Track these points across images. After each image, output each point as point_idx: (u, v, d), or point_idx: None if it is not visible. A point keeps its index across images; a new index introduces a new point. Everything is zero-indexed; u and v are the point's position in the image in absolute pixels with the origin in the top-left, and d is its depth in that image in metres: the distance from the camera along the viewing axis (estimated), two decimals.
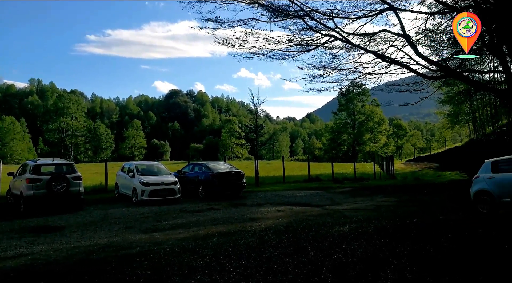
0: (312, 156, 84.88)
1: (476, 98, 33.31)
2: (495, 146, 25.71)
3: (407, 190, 19.66)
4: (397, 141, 77.26)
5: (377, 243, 6.88)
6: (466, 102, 36.56)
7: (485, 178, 10.97)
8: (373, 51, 8.04)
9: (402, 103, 10.57)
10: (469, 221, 8.43)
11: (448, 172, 32.87)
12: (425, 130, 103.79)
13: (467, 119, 41.45)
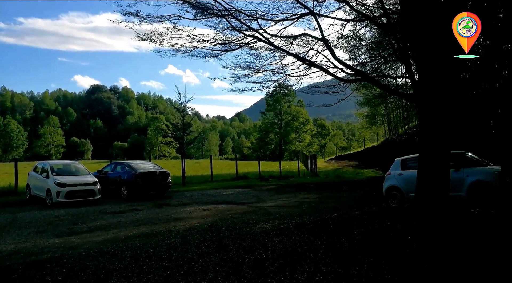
0: (241, 155, 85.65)
1: (391, 101, 36.05)
2: (406, 145, 28.06)
3: (328, 187, 20.72)
4: (321, 140, 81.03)
5: (296, 238, 7.15)
6: (382, 104, 39.41)
7: (395, 174, 11.94)
8: (293, 54, 8.34)
9: (322, 104, 11.15)
10: (380, 215, 9.11)
11: (366, 170, 35.26)
12: (347, 130, 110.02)
13: (383, 121, 44.72)
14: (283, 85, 47.94)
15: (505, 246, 5.74)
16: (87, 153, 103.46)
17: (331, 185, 21.79)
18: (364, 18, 9.09)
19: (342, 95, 10.35)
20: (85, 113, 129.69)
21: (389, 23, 8.07)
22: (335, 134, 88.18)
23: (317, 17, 8.21)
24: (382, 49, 12.84)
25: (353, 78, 8.70)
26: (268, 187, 20.90)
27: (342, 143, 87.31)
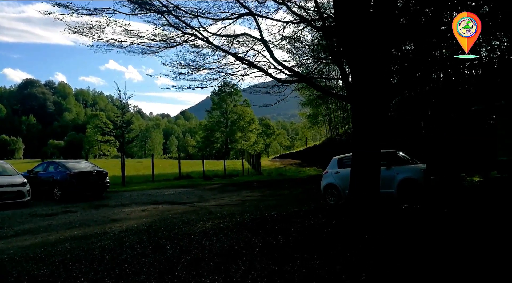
0: (186, 154, 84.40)
1: (331, 102, 37.40)
2: (346, 144, 29.25)
3: (271, 185, 21.06)
4: (266, 139, 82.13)
5: (235, 237, 7.19)
6: (323, 105, 40.78)
7: (332, 173, 12.42)
8: (232, 53, 8.38)
9: (262, 104, 11.32)
10: (317, 212, 9.40)
11: (307, 168, 36.25)
12: (291, 130, 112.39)
13: (324, 121, 46.29)
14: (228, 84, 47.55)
15: (425, 237, 6.18)
16: (18, 152, 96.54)
17: (274, 183, 22.16)
18: (303, 21, 9.36)
19: (281, 95, 10.57)
20: (17, 109, 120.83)
21: (325, 27, 8.39)
22: (279, 134, 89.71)
23: (256, 18, 8.33)
24: (321, 51, 13.28)
25: (291, 79, 8.92)
26: (211, 186, 20.81)
27: (286, 142, 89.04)
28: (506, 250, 5.31)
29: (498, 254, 5.16)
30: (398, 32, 7.73)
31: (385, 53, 7.52)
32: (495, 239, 5.92)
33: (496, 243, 5.69)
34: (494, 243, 5.68)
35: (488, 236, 6.07)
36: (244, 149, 67.57)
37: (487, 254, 5.19)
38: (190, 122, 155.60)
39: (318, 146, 45.77)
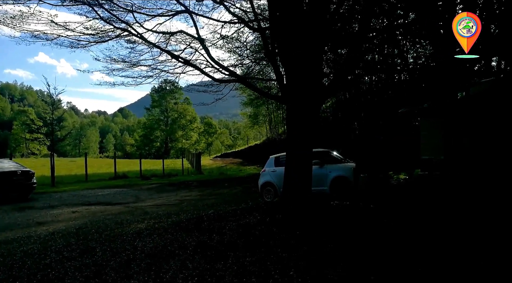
0: (123, 153, 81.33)
1: (271, 102, 38.09)
2: (284, 144, 30.01)
3: (211, 184, 21.00)
4: (208, 138, 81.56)
5: (169, 237, 7.10)
6: (264, 105, 41.45)
7: (269, 171, 12.68)
8: (167, 51, 8.25)
9: (200, 103, 11.24)
10: (253, 210, 9.54)
11: (248, 167, 36.58)
12: (233, 129, 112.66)
13: (265, 120, 47.04)
14: (168, 81, 46.29)
15: (351, 232, 6.54)
16: None
17: (214, 182, 22.12)
18: (240, 21, 9.45)
19: (220, 95, 10.59)
20: None
21: (260, 28, 8.55)
22: (221, 133, 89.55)
23: (193, 16, 8.26)
24: (260, 52, 13.50)
25: (228, 79, 8.98)
26: (149, 186, 20.29)
27: (228, 141, 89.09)
28: (419, 242, 5.77)
29: (411, 244, 5.60)
30: (330, 36, 8.09)
31: (317, 55, 7.83)
32: (411, 230, 6.41)
33: (412, 234, 6.17)
34: (410, 234, 6.15)
35: (405, 228, 6.56)
36: (185, 147, 66.59)
37: (403, 244, 5.61)
38: (128, 120, 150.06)
39: (259, 145, 46.41)
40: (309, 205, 8.14)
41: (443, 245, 5.48)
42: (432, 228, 6.52)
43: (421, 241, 5.72)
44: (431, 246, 5.47)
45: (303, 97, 7.94)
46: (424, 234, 6.13)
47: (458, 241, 5.63)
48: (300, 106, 8.00)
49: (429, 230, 6.41)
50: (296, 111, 8.15)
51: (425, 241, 5.74)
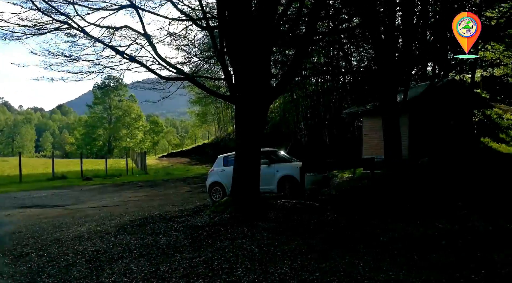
0: (63, 152, 77.13)
1: (220, 101, 37.96)
2: (233, 143, 30.00)
3: (157, 185, 20.50)
4: (154, 137, 79.45)
5: (112, 239, 6.83)
6: (213, 104, 41.19)
7: (218, 171, 12.60)
8: (111, 46, 7.90)
9: (145, 100, 10.92)
10: (201, 210, 9.44)
11: (196, 166, 36.12)
12: (180, 128, 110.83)
13: (214, 119, 46.75)
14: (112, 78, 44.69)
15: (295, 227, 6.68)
16: None
17: (160, 183, 21.62)
18: (188, 18, 9.31)
19: (167, 92, 10.35)
20: None
21: (209, 26, 8.48)
22: (168, 132, 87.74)
23: (139, 11, 8.00)
24: (209, 50, 13.37)
25: (175, 77, 8.81)
26: (90, 187, 19.39)
27: (175, 140, 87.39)
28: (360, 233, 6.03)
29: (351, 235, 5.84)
30: (278, 37, 8.21)
31: (265, 56, 7.91)
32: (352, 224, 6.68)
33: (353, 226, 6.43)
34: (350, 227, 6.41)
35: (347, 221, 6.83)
36: (129, 147, 64.44)
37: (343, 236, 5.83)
38: (68, 117, 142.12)
39: (207, 144, 46.04)
40: (257, 204, 8.20)
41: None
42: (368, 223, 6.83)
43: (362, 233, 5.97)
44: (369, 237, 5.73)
45: (252, 97, 7.99)
46: (365, 229, 6.40)
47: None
48: (249, 106, 8.04)
49: (368, 225, 6.71)
50: (245, 111, 8.18)
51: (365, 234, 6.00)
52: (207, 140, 50.00)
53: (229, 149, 33.55)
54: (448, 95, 16.96)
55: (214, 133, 49.05)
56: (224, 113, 41.96)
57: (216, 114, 44.48)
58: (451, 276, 4.09)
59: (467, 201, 7.97)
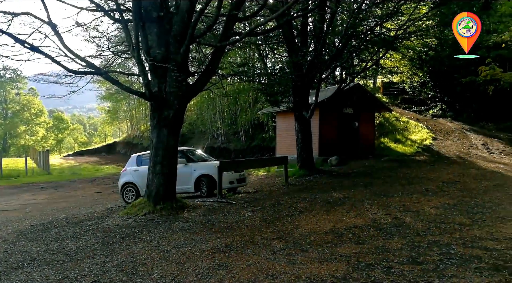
0: None
1: (133, 97, 36.34)
2: (147, 141, 28.95)
3: (62, 186, 19.03)
4: (58, 135, 73.25)
5: (10, 247, 6.21)
6: (125, 100, 39.29)
7: (131, 170, 12.09)
8: (10, 34, 7.07)
9: (49, 95, 10.02)
10: (113, 212, 9.00)
11: (107, 166, 34.16)
12: (88, 125, 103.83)
13: (126, 116, 44.60)
14: (8, 68, 40.44)
15: (208, 225, 6.72)
16: None
17: (65, 184, 20.10)
18: (100, 9, 8.76)
19: (75, 87, 9.62)
20: None
21: (123, 19, 8.09)
22: (74, 129, 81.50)
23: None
24: (122, 44, 12.73)
25: (85, 71, 8.24)
26: None
27: (82, 138, 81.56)
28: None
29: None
30: (196, 36, 8.13)
31: (182, 54, 7.79)
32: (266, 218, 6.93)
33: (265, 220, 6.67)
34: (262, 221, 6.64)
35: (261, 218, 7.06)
36: (29, 145, 58.62)
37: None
38: None
39: (119, 143, 43.85)
40: (174, 204, 8.06)
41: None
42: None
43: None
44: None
45: (168, 95, 7.81)
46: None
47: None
48: (165, 103, 7.85)
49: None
50: (161, 108, 7.97)
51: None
52: (119, 139, 47.58)
53: (143, 147, 32.41)
54: (354, 99, 18.36)
55: (126, 131, 46.79)
56: (137, 110, 40.26)
57: (129, 111, 42.50)
58: (357, 266, 4.46)
59: (370, 196, 8.73)
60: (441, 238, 5.41)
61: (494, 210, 7.05)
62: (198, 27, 9.80)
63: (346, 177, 12.24)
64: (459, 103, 23.21)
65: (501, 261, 4.42)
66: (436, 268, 4.30)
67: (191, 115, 34.28)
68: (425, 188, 9.49)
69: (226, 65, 15.62)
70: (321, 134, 17.02)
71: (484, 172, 11.70)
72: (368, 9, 12.24)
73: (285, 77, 14.07)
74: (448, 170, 12.30)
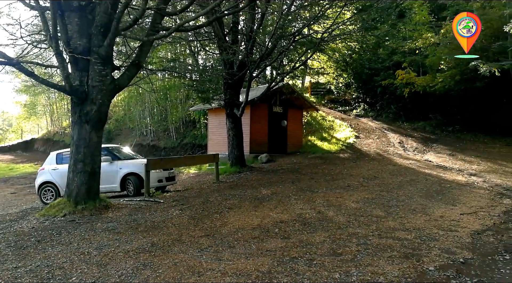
0: None
1: (54, 91, 33.86)
2: (69, 138, 27.17)
3: None
4: None
5: None
6: (44, 94, 36.49)
7: (50, 169, 11.29)
8: None
9: None
10: (28, 214, 8.33)
11: (23, 164, 31.48)
12: (2, 120, 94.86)
13: (45, 111, 41.41)
14: None
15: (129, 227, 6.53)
16: None
17: None
18: None
19: None
20: None
21: (39, 6, 7.49)
22: None
23: None
24: (39, 33, 11.79)
25: None
26: None
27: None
28: None
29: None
30: (120, 29, 7.78)
31: (107, 46, 7.43)
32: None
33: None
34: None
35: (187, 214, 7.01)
36: None
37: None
38: None
39: (37, 139, 40.61)
40: (97, 204, 7.67)
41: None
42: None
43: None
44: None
45: (91, 89, 7.40)
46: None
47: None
48: (87, 98, 7.43)
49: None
50: (83, 103, 7.53)
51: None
52: (37, 135, 44.03)
53: (66, 145, 30.36)
54: (283, 98, 18.89)
55: (45, 127, 43.43)
56: (58, 104, 37.58)
57: (49, 105, 39.51)
58: (282, 260, 4.60)
59: (296, 191, 9.05)
60: (359, 230, 5.77)
61: (406, 202, 7.68)
62: (125, 19, 9.43)
63: (275, 174, 12.55)
64: (379, 104, 24.94)
65: (410, 249, 4.84)
66: (353, 258, 4.59)
67: (118, 111, 32.88)
68: (347, 183, 10.07)
69: (156, 60, 15.18)
70: (252, 132, 17.29)
71: (400, 168, 12.69)
72: (296, 11, 12.64)
73: (216, 75, 14.05)
74: (369, 166, 13.15)
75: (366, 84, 25.16)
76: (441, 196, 8.41)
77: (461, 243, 5.09)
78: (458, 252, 4.75)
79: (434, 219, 6.40)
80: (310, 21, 12.51)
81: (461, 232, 5.59)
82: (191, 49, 16.90)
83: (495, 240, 5.24)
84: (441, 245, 5.02)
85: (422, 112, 22.18)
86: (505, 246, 4.95)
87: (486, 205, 7.48)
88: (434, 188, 9.25)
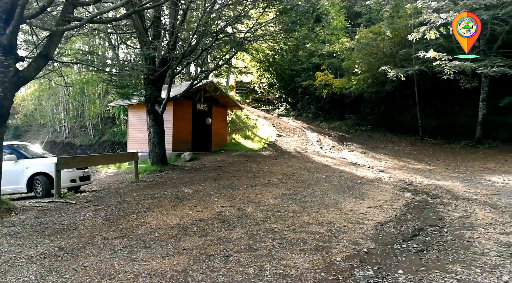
0: None
1: None
2: None
3: None
4: None
5: None
6: None
7: None
8: None
9: None
10: None
11: None
12: None
13: None
14: None
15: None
16: None
17: None
18: None
19: None
20: None
21: None
22: None
23: None
24: None
25: None
26: None
27: None
28: None
29: None
30: (26, 16, 7.15)
31: (10, 34, 6.77)
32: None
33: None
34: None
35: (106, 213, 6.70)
36: None
37: None
38: None
39: None
40: None
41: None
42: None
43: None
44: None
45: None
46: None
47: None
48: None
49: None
50: None
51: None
52: None
53: None
54: (208, 96, 18.81)
55: None
56: None
57: None
58: (198, 258, 4.60)
59: (218, 189, 9.08)
60: (276, 226, 5.97)
61: (321, 198, 8.10)
62: (34, 7, 8.69)
63: (198, 172, 12.46)
64: (300, 104, 25.98)
65: (321, 242, 5.13)
66: (268, 253, 4.74)
67: (27, 105, 30.25)
68: (267, 180, 10.34)
69: (70, 51, 14.19)
70: (175, 129, 16.97)
71: (317, 165, 13.34)
72: (220, 10, 12.65)
73: (137, 70, 13.54)
74: (288, 163, 13.64)
75: (288, 84, 26.04)
76: (352, 191, 9.01)
77: (366, 235, 5.51)
78: (363, 243, 5.14)
79: (344, 212, 6.84)
80: (233, 20, 12.60)
81: (367, 224, 6.05)
82: (110, 43, 16.09)
83: (395, 230, 5.76)
84: (349, 237, 5.39)
85: (339, 113, 23.55)
86: (403, 236, 5.47)
87: (390, 199, 8.16)
88: (346, 184, 9.87)
